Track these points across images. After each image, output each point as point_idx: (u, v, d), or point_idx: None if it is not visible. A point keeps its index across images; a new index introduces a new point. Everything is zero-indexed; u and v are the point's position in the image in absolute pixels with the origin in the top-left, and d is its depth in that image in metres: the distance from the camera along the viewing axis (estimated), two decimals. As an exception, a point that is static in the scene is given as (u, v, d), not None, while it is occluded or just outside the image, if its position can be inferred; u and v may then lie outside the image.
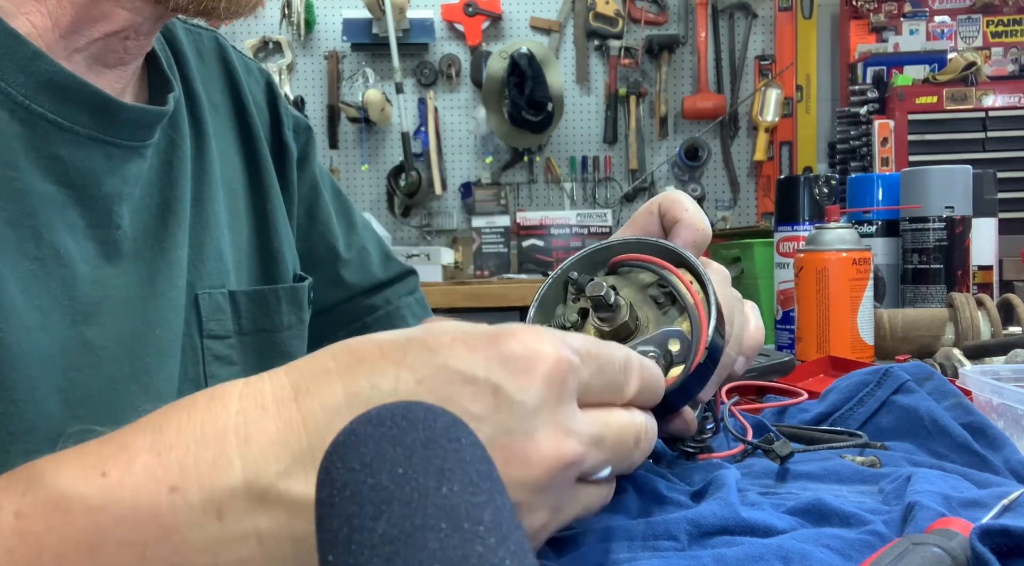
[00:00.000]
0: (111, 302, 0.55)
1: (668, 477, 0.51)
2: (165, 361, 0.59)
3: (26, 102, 0.50)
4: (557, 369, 0.33)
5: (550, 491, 0.34)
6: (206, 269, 0.64)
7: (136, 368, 0.56)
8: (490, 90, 3.31)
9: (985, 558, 0.35)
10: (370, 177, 3.47)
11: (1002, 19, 3.28)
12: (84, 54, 0.54)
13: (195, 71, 0.69)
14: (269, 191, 0.73)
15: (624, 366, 0.38)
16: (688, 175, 3.44)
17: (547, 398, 0.33)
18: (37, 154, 0.51)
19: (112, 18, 0.53)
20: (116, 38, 0.54)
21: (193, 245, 0.63)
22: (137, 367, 0.57)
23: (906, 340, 1.05)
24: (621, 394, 0.38)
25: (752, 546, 0.39)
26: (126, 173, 0.57)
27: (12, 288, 0.49)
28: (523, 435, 0.32)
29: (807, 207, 1.17)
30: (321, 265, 0.81)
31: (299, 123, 0.80)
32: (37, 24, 0.51)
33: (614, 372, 0.37)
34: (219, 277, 0.65)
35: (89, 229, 0.55)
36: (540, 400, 0.32)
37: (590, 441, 0.35)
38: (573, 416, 0.34)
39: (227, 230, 0.67)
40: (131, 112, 0.56)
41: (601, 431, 0.36)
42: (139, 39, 0.56)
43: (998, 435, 0.54)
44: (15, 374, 0.49)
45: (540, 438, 0.32)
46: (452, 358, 0.33)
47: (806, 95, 3.42)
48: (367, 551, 0.24)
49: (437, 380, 0.32)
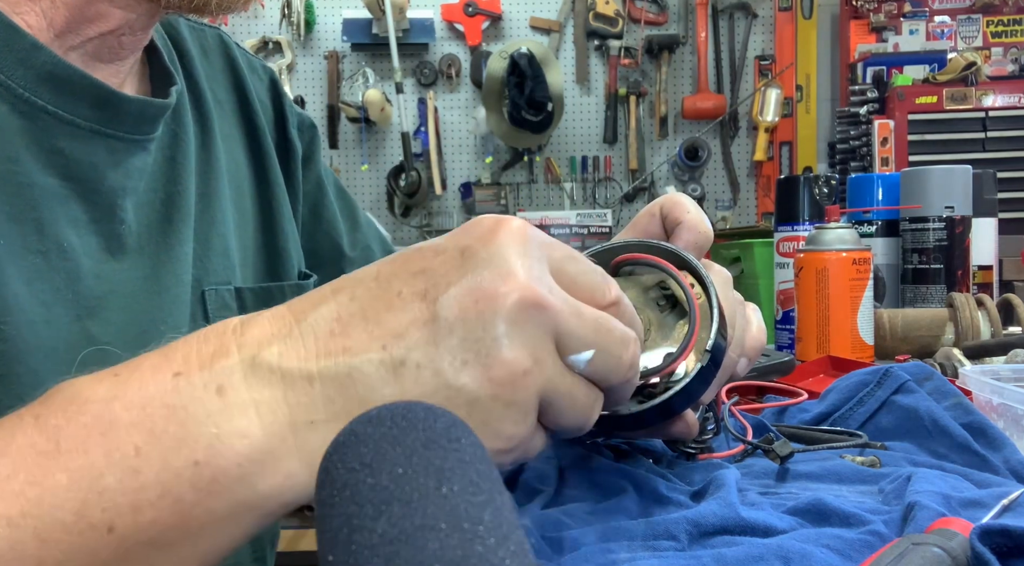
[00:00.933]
0: (115, 297, 0.55)
1: (668, 477, 0.51)
2: None
3: (26, 95, 0.50)
4: (519, 230, 0.35)
5: (523, 328, 0.34)
6: (212, 265, 0.63)
7: None
8: (490, 90, 3.31)
9: (985, 558, 0.35)
10: (370, 177, 3.47)
11: (1002, 19, 3.28)
12: (80, 51, 0.54)
13: (199, 67, 0.68)
14: (274, 188, 0.73)
15: (602, 272, 0.38)
16: (688, 175, 3.44)
17: (512, 250, 0.34)
18: (39, 148, 0.51)
19: (107, 17, 0.53)
20: (111, 36, 0.54)
21: (199, 241, 0.63)
22: None
23: (906, 340, 1.05)
24: (599, 294, 0.37)
25: (752, 546, 0.39)
26: (129, 167, 0.56)
27: (16, 282, 0.49)
28: (491, 276, 0.34)
29: (807, 207, 1.17)
30: (326, 264, 0.81)
31: (303, 121, 0.80)
32: (32, 24, 0.51)
33: (590, 267, 0.38)
34: (225, 273, 0.65)
35: (92, 223, 0.54)
36: (503, 251, 0.34)
37: (565, 300, 0.35)
38: (544, 274, 0.35)
39: (233, 226, 0.67)
40: (133, 105, 0.55)
41: (578, 307, 0.36)
42: (135, 35, 0.56)
43: (998, 435, 0.54)
44: (20, 368, 0.48)
45: (508, 276, 0.34)
46: (424, 244, 0.36)
47: (806, 95, 3.42)
48: (367, 551, 0.24)
49: (409, 259, 0.36)
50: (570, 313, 0.35)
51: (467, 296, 0.34)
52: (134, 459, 0.33)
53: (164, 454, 0.33)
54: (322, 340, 0.34)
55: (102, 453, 0.33)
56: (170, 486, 0.33)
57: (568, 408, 0.36)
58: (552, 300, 0.34)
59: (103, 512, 0.32)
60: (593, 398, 0.37)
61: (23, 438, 0.33)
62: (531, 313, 0.34)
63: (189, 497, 0.33)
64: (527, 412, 0.35)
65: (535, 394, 0.35)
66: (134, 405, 0.34)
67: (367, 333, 0.34)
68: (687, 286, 0.46)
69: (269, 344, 0.35)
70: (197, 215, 0.63)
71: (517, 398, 0.34)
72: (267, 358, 0.34)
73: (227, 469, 0.33)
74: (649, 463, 0.54)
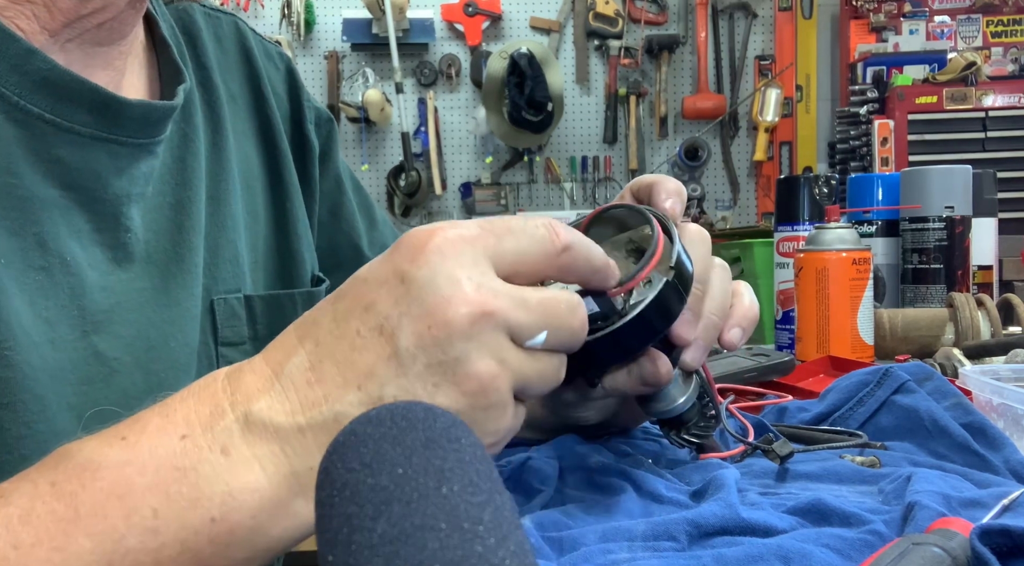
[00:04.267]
0: (123, 309, 0.53)
1: (668, 477, 0.51)
2: (180, 377, 0.56)
3: (21, 102, 0.48)
4: (448, 240, 0.36)
5: (479, 339, 0.35)
6: (221, 273, 0.61)
7: (150, 382, 0.54)
8: (490, 90, 3.31)
9: (985, 558, 0.35)
10: (370, 177, 3.47)
11: (1002, 19, 3.28)
12: (77, 42, 0.52)
13: (213, 59, 0.65)
14: (289, 188, 0.69)
15: (545, 224, 0.39)
16: (688, 175, 3.44)
17: (447, 265, 0.36)
18: (36, 157, 0.49)
19: (104, 9, 0.51)
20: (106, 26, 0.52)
21: (209, 248, 0.60)
22: (151, 382, 0.54)
23: (906, 340, 1.05)
24: (549, 251, 0.39)
25: (752, 546, 0.39)
26: (134, 172, 0.54)
27: (18, 302, 0.47)
28: (435, 300, 0.35)
29: (807, 207, 1.17)
30: (345, 264, 0.77)
31: (320, 115, 0.76)
32: (24, 28, 0.49)
33: (530, 232, 0.38)
34: (235, 281, 0.62)
35: (96, 233, 0.52)
36: (439, 268, 0.36)
37: (509, 297, 0.36)
38: (484, 275, 0.36)
39: (244, 229, 0.64)
40: (135, 108, 0.53)
41: (523, 294, 0.37)
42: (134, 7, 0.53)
43: (998, 435, 0.54)
44: (25, 394, 0.47)
45: (451, 295, 0.35)
46: (365, 272, 0.38)
47: (806, 95, 3.43)
48: (367, 551, 0.24)
49: (358, 294, 0.37)
50: (517, 307, 0.37)
51: (419, 324, 0.35)
52: (152, 521, 0.34)
53: (181, 514, 0.35)
54: (302, 391, 0.37)
55: (121, 516, 0.34)
56: (189, 543, 0.35)
57: (538, 382, 0.38)
58: (497, 304, 0.36)
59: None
60: (557, 362, 0.40)
61: (42, 506, 0.34)
62: (481, 323, 0.35)
63: (207, 551, 0.35)
64: (506, 407, 0.37)
65: (508, 390, 0.37)
66: (148, 469, 0.35)
67: (341, 377, 0.36)
68: (652, 219, 0.47)
69: (257, 399, 0.37)
70: (206, 219, 0.60)
71: (493, 400, 0.36)
72: (258, 415, 0.36)
73: (242, 522, 0.35)
74: (649, 463, 0.54)
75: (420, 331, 0.35)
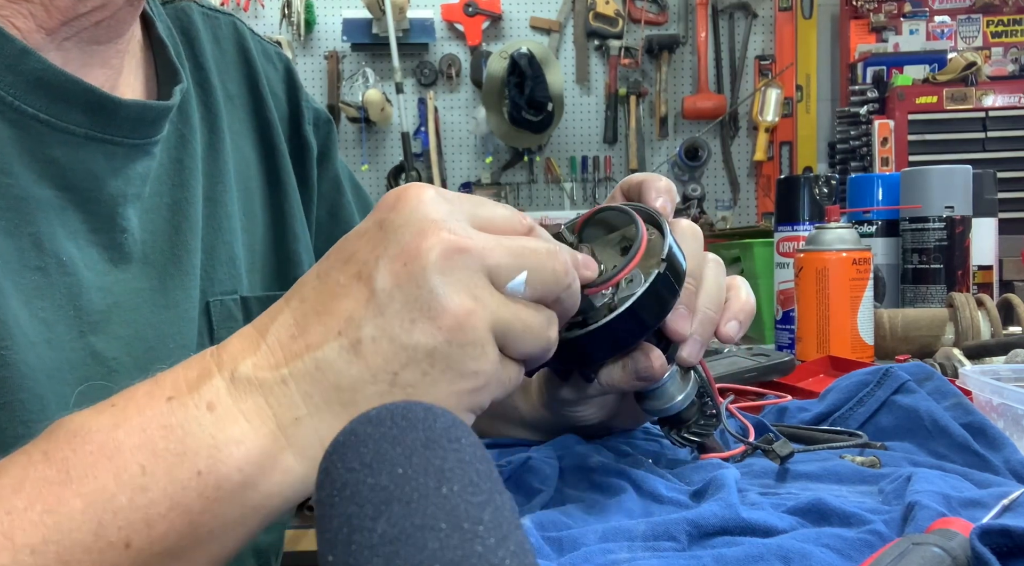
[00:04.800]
0: (120, 309, 0.53)
1: (668, 477, 0.51)
2: None
3: (16, 102, 0.48)
4: (426, 190, 0.38)
5: (454, 275, 0.36)
6: (217, 275, 0.61)
7: None
8: (490, 90, 3.31)
9: (985, 558, 0.35)
10: (370, 177, 3.47)
11: (1002, 19, 3.28)
12: (74, 40, 0.52)
13: (211, 59, 0.65)
14: (286, 189, 0.69)
15: (512, 211, 0.40)
16: (688, 175, 3.44)
17: (423, 208, 0.37)
18: (31, 158, 0.49)
19: (102, 8, 0.51)
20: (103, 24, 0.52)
21: (205, 249, 0.60)
22: None
23: (906, 340, 1.05)
24: (516, 226, 0.40)
25: (752, 546, 0.39)
26: (130, 173, 0.54)
27: (14, 302, 0.47)
28: (410, 238, 0.36)
29: (807, 207, 1.17)
30: None
31: (319, 116, 0.76)
32: (20, 27, 0.49)
33: (500, 211, 0.40)
34: (231, 282, 0.62)
35: (92, 234, 0.52)
36: (416, 211, 0.37)
37: (484, 238, 0.37)
38: (458, 221, 0.37)
39: (241, 230, 0.64)
40: (130, 109, 0.53)
41: (499, 239, 0.38)
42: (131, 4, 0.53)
43: (998, 435, 0.54)
44: (23, 394, 0.47)
45: (427, 231, 0.36)
46: (348, 233, 0.39)
47: (806, 95, 3.43)
48: (367, 551, 0.24)
49: (340, 248, 0.39)
50: (492, 247, 0.37)
51: (395, 262, 0.36)
52: (141, 478, 0.35)
53: (168, 469, 0.35)
54: (286, 346, 0.37)
55: (111, 476, 0.35)
56: (178, 498, 0.35)
57: (523, 333, 0.39)
58: (472, 242, 0.37)
59: (119, 530, 0.35)
60: (545, 318, 0.40)
61: (35, 472, 0.35)
62: (456, 258, 0.36)
63: (197, 506, 0.35)
64: (484, 346, 0.37)
65: (486, 329, 0.37)
66: (135, 429, 0.36)
67: (322, 326, 0.37)
68: (635, 215, 0.47)
69: (244, 359, 0.38)
70: (203, 220, 0.60)
71: (470, 337, 0.37)
72: (244, 371, 0.37)
73: (229, 475, 0.36)
74: (649, 463, 0.54)
75: (396, 270, 0.36)
